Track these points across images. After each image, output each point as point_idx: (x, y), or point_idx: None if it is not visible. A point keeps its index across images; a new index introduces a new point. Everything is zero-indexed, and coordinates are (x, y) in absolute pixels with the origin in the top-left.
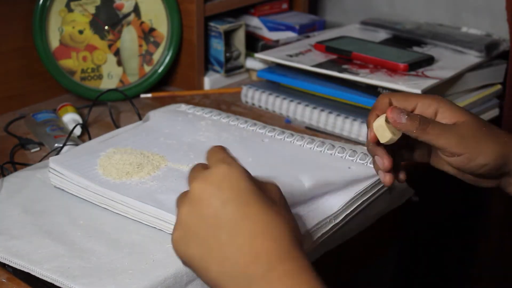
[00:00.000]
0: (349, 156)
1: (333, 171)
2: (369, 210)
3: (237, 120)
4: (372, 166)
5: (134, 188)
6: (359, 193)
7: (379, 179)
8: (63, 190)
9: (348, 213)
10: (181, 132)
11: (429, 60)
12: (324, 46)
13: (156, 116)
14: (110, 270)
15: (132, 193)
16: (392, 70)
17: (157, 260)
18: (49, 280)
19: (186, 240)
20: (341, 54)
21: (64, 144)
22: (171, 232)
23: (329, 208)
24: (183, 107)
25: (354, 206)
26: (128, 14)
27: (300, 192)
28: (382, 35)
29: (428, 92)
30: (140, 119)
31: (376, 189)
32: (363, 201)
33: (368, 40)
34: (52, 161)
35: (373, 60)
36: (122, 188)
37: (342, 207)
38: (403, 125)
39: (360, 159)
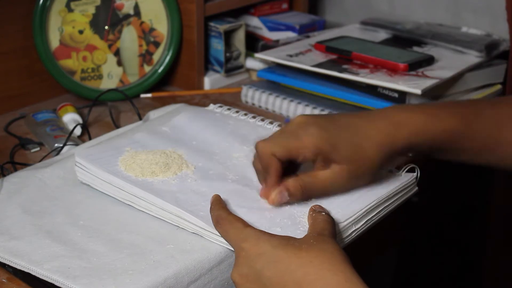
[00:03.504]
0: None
1: None
2: None
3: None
4: (396, 173)
5: (156, 186)
6: (381, 199)
7: (402, 186)
8: (89, 185)
9: (369, 219)
10: (207, 133)
11: (429, 60)
12: (324, 46)
13: (182, 116)
14: (110, 270)
15: (154, 191)
16: (392, 70)
17: (157, 261)
18: (49, 280)
19: None
20: (341, 54)
21: (64, 144)
22: (192, 231)
23: (351, 212)
24: (211, 106)
25: (376, 212)
26: (128, 14)
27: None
28: (382, 35)
29: (428, 91)
30: (140, 119)
31: (398, 196)
32: (385, 207)
33: (368, 40)
34: (78, 155)
35: (373, 60)
36: (144, 185)
37: (363, 212)
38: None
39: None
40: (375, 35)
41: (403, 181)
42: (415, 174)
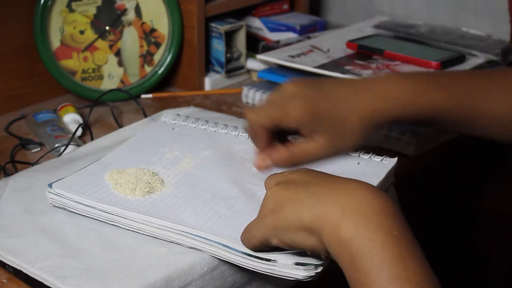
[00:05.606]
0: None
1: (342, 168)
2: None
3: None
4: (381, 161)
5: (157, 206)
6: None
7: (391, 170)
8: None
9: None
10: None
11: (461, 58)
12: (356, 45)
13: (143, 132)
14: (101, 272)
15: (154, 211)
16: (425, 68)
17: (149, 264)
18: (39, 279)
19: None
20: (374, 53)
21: (67, 145)
22: (190, 246)
23: None
24: (166, 116)
25: None
26: (129, 15)
27: None
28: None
29: None
30: (146, 117)
31: (385, 187)
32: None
33: (401, 38)
34: (57, 187)
35: (406, 58)
36: (147, 206)
37: None
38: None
39: (363, 154)
40: None
41: (391, 165)
42: (396, 158)
